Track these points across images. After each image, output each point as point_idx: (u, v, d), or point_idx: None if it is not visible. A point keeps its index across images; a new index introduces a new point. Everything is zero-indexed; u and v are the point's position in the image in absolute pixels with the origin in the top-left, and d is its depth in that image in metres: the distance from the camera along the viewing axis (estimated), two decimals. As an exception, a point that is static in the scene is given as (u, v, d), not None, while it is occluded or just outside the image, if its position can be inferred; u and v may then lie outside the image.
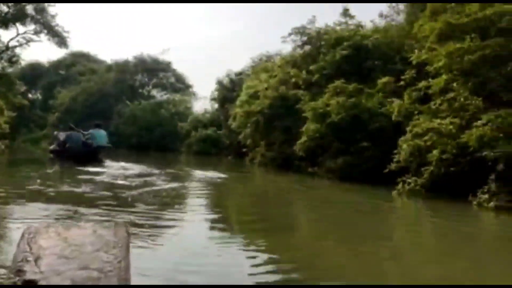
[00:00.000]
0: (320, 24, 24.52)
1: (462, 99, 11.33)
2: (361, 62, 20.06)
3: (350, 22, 22.53)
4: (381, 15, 22.03)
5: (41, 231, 2.07)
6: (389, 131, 15.71)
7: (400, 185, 12.04)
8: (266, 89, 22.96)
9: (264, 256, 5.33)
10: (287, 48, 52.14)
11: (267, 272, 4.66)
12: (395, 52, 19.70)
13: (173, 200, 9.71)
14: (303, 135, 17.29)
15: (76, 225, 2.29)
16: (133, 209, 7.80)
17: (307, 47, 23.70)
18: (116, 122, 37.00)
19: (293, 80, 22.13)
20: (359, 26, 22.26)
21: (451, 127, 10.95)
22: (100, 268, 1.83)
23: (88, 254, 1.90)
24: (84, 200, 8.65)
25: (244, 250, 5.67)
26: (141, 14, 73.59)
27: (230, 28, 68.20)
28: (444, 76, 11.22)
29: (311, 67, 21.37)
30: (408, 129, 13.00)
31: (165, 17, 72.26)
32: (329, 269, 5.13)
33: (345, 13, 22.56)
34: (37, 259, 1.83)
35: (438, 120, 11.35)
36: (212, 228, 7.11)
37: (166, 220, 7.29)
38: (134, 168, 16.02)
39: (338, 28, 22.75)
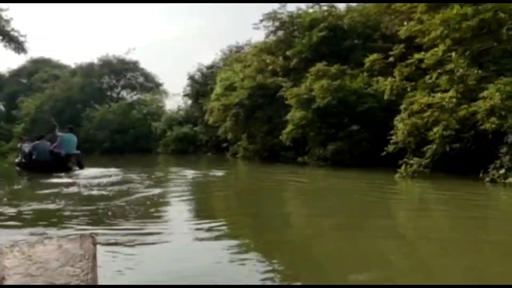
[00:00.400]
0: (291, 8, 23.47)
1: (461, 70, 10.41)
2: (339, 43, 19.12)
3: (322, 3, 21.52)
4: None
5: (4, 252, 2.02)
6: (379, 111, 14.84)
7: (402, 168, 11.08)
8: (242, 79, 21.74)
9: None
10: (257, 37, 51.09)
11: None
12: (372, 29, 18.82)
13: (159, 210, 8.40)
14: (288, 124, 16.18)
15: (41, 242, 2.16)
16: (113, 226, 6.51)
17: (280, 33, 22.61)
18: (86, 127, 34.97)
19: (270, 67, 21.00)
20: (332, 6, 21.24)
21: (454, 100, 10.01)
22: (67, 282, 1.79)
23: (54, 270, 1.84)
24: (57, 218, 7.29)
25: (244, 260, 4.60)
26: (101, 15, 70.62)
27: (196, 22, 66.23)
28: (441, 46, 10.25)
29: (288, 53, 20.30)
30: (402, 107, 12.05)
31: (127, 16, 69.60)
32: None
33: (317, -6, 21.52)
34: (1, 281, 1.82)
35: (439, 94, 10.40)
36: (203, 239, 5.87)
37: (152, 235, 6.03)
38: (111, 175, 14.55)
39: (310, 10, 21.72)
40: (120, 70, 41.99)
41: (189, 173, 15.30)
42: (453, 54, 10.26)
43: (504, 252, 4.97)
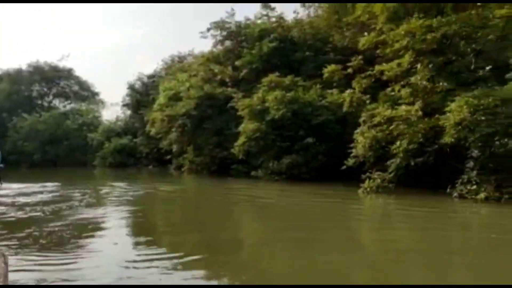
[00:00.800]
0: (239, 17, 22.74)
1: (424, 82, 10.06)
2: (289, 54, 18.58)
3: (271, 14, 20.95)
4: (303, 5, 20.65)
5: None
6: (334, 124, 14.33)
7: (366, 183, 10.46)
8: (188, 89, 20.50)
9: None
10: (200, 48, 49.83)
11: None
12: (323, 42, 18.48)
13: (100, 236, 6.95)
14: (240, 136, 15.19)
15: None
16: (45, 259, 5.23)
17: (228, 43, 21.71)
18: (13, 138, 31.65)
19: (219, 77, 19.97)
20: (281, 18, 20.72)
21: (420, 113, 9.58)
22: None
23: (-35, 291, 1.39)
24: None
25: None
26: (33, 17, 65.47)
27: (136, 31, 63.39)
28: (407, 57, 9.83)
29: (237, 63, 19.41)
30: (362, 119, 11.55)
31: (62, 20, 64.86)
32: None
33: (266, 6, 20.91)
34: None
35: (403, 107, 9.93)
36: (138, 267, 4.82)
37: (81, 261, 5.05)
38: (42, 192, 12.71)
39: (259, 21, 21.08)
40: (52, 78, 38.85)
41: (130, 188, 13.83)
42: (419, 65, 9.87)
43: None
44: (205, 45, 51.10)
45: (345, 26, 16.19)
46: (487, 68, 9.43)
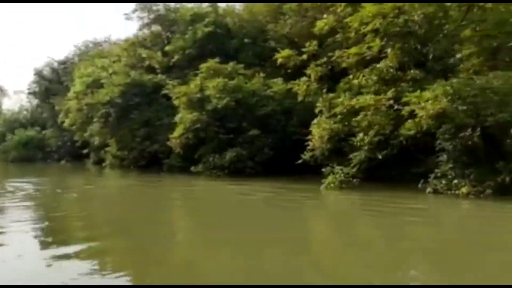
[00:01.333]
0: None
1: (392, 70, 9.08)
2: (225, 41, 16.86)
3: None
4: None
5: None
6: (280, 115, 12.99)
7: (330, 178, 9.19)
8: (111, 75, 17.86)
9: None
10: (117, 34, 45.79)
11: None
12: (262, 30, 17.03)
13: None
14: (177, 127, 13.14)
15: None
16: None
17: (156, 27, 19.34)
18: None
19: (147, 63, 17.59)
20: (214, 3, 18.88)
21: (391, 102, 8.55)
22: None
23: None
24: None
25: None
26: None
27: (44, 13, 56.44)
28: (377, 41, 8.70)
29: (167, 48, 17.21)
30: (319, 109, 10.29)
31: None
32: None
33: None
34: None
35: (371, 96, 8.82)
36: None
37: None
38: None
39: (190, 5, 19.03)
40: None
41: (41, 187, 11.24)
42: (389, 50, 8.84)
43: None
44: (126, 32, 47.27)
45: (289, 12, 14.92)
46: (458, 56, 8.70)
